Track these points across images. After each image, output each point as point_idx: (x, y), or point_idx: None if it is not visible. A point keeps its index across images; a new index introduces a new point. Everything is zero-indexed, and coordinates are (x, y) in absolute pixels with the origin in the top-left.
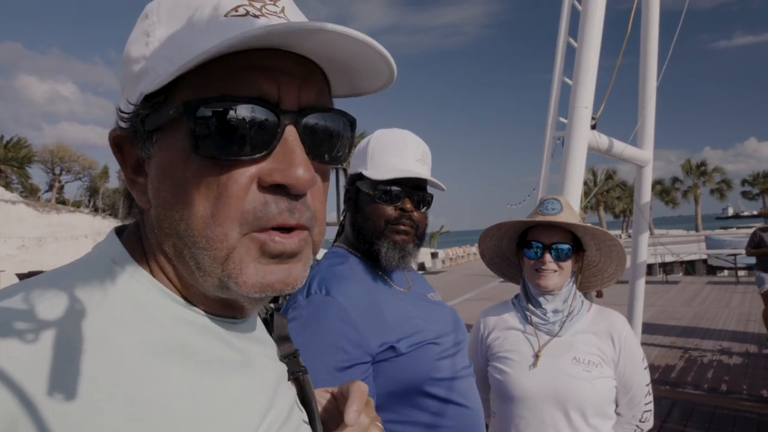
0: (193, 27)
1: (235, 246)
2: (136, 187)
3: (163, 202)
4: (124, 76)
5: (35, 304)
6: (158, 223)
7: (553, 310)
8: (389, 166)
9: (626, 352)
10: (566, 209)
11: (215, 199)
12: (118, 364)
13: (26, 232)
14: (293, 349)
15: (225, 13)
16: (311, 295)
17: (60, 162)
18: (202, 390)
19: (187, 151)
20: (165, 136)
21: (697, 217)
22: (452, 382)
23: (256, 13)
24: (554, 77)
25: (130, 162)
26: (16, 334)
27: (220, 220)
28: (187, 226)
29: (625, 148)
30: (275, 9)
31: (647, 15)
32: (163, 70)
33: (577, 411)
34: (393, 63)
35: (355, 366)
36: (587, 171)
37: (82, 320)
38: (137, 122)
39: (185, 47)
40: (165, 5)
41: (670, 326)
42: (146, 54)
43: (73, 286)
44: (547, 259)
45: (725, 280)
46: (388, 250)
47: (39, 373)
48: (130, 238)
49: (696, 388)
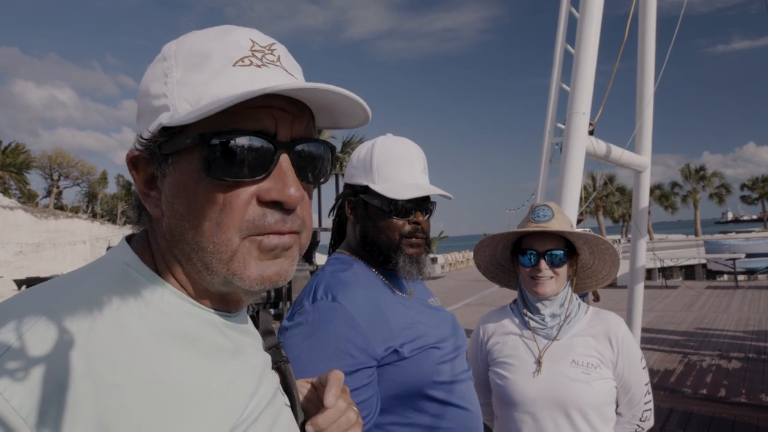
0: (207, 74)
1: (238, 248)
2: (148, 199)
3: (175, 213)
4: (142, 107)
5: (65, 297)
6: (170, 231)
7: (550, 314)
8: (399, 181)
9: (624, 352)
10: (557, 215)
11: (220, 211)
12: (134, 348)
13: (24, 238)
14: (276, 341)
15: (234, 63)
16: (317, 301)
17: (58, 168)
18: (204, 372)
19: (199, 172)
20: (180, 159)
21: (696, 222)
22: (452, 386)
23: (258, 63)
24: (552, 83)
25: (144, 177)
26: (55, 319)
27: (224, 228)
28: (197, 234)
29: (622, 154)
30: (273, 58)
31: (644, 20)
32: (182, 107)
33: (578, 413)
34: (368, 109)
35: (360, 370)
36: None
37: (104, 312)
38: (154, 147)
39: (202, 92)
40: (182, 52)
41: (670, 331)
42: (165, 92)
43: (95, 284)
44: (542, 266)
45: (724, 285)
46: (406, 264)
47: (70, 354)
48: (140, 244)
49: (695, 393)
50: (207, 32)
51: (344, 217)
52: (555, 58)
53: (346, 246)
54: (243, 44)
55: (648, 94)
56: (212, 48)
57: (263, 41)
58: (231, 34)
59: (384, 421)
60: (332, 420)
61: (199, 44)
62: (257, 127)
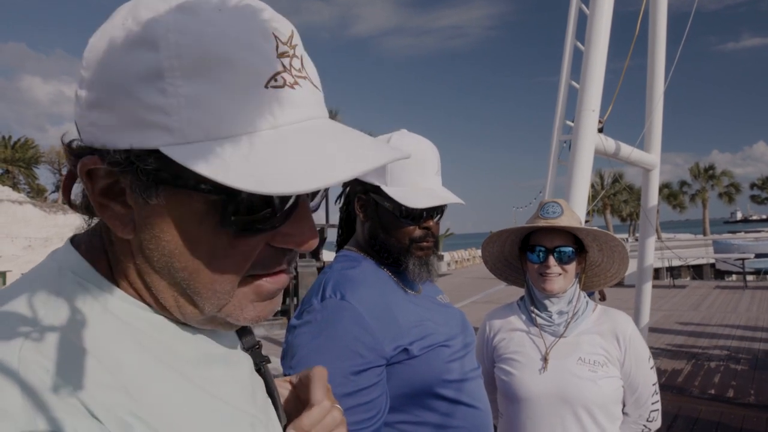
0: (231, 97)
1: (235, 293)
2: (107, 212)
3: (160, 248)
4: (110, 101)
5: (10, 320)
6: (146, 258)
7: (557, 311)
8: (413, 186)
9: (632, 351)
10: (567, 212)
11: (225, 259)
12: (114, 369)
13: (33, 233)
14: (256, 341)
15: (265, 82)
16: (326, 299)
17: (67, 163)
18: (194, 385)
19: (204, 217)
20: (178, 193)
21: (705, 221)
22: (462, 384)
23: (291, 81)
24: (561, 80)
25: (100, 185)
26: None
27: (228, 277)
28: (191, 278)
29: (632, 152)
30: (298, 64)
31: (655, 17)
32: (194, 136)
33: (584, 411)
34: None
35: (369, 369)
36: (594, 174)
37: (60, 335)
38: (133, 168)
39: (225, 120)
40: (186, 50)
41: (677, 331)
42: (166, 108)
43: (43, 302)
44: (551, 262)
45: (733, 285)
46: (416, 267)
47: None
48: (91, 250)
49: (702, 394)
50: (217, 15)
51: (353, 213)
52: (564, 55)
53: (355, 243)
54: (266, 46)
55: (658, 92)
56: (233, 54)
57: (283, 30)
58: (252, 23)
59: (393, 420)
60: (317, 420)
61: (210, 38)
62: None
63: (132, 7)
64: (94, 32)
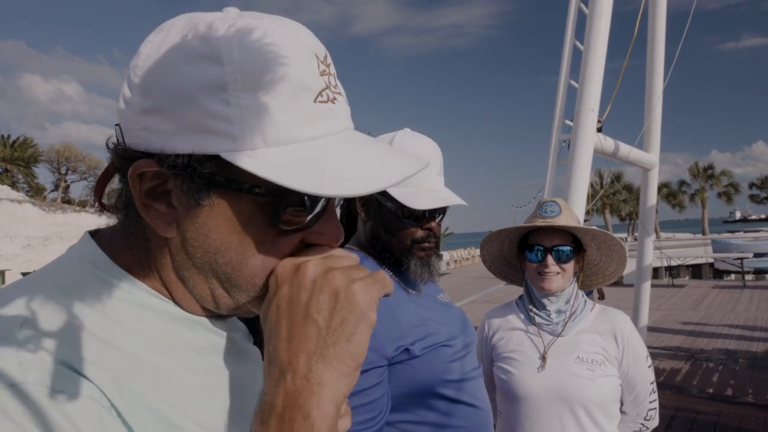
0: (287, 108)
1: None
2: (151, 212)
3: (209, 246)
4: (172, 109)
5: (33, 311)
6: (187, 255)
7: (556, 310)
8: (416, 186)
9: (630, 350)
10: (565, 211)
11: (266, 255)
12: (123, 357)
13: (32, 232)
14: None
15: (315, 98)
16: None
17: (66, 162)
18: (208, 375)
19: (254, 216)
20: (230, 196)
21: (704, 221)
22: (462, 384)
23: (332, 96)
24: (560, 80)
25: (148, 187)
26: (25, 342)
27: (266, 271)
28: (233, 272)
29: (631, 151)
30: (333, 81)
31: (654, 17)
32: (254, 144)
33: (583, 410)
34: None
35: (371, 370)
36: (593, 174)
37: (78, 320)
38: (189, 170)
39: (282, 130)
40: (249, 64)
41: (676, 330)
42: (229, 116)
43: (62, 290)
44: (549, 261)
45: (732, 284)
46: (417, 267)
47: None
48: (112, 245)
49: (701, 393)
50: (270, 30)
51: (354, 211)
52: (564, 55)
53: (356, 242)
54: (312, 66)
55: (657, 92)
56: (288, 67)
57: (321, 51)
58: (300, 43)
59: (395, 419)
60: None
61: (269, 56)
62: None
63: (190, 21)
64: (144, 42)
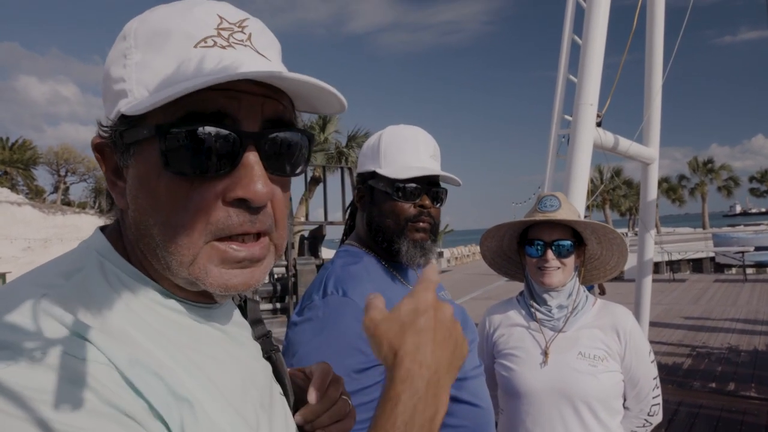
0: (166, 56)
1: (199, 253)
2: (116, 188)
3: (139, 207)
4: (104, 92)
5: (48, 290)
6: (135, 224)
7: (557, 306)
8: (404, 164)
9: (632, 345)
10: (564, 205)
11: (184, 210)
12: (122, 338)
13: (32, 234)
14: (266, 330)
15: (195, 44)
16: (327, 296)
17: (65, 163)
18: (197, 363)
19: (159, 165)
20: (141, 150)
21: (704, 215)
22: (463, 382)
23: (224, 44)
24: (559, 74)
25: (111, 166)
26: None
27: (188, 230)
28: (159, 232)
29: (630, 146)
30: (242, 36)
31: (652, 11)
32: (139, 93)
33: (585, 406)
34: (342, 99)
35: (373, 367)
36: (593, 169)
37: (80, 305)
38: (116, 135)
39: (160, 77)
40: (142, 30)
41: (677, 324)
42: (124, 76)
43: (66, 276)
44: (549, 256)
45: (733, 278)
46: (409, 249)
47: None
48: (112, 234)
49: (703, 387)
50: (172, 7)
51: (355, 207)
52: (562, 49)
53: (356, 237)
54: (208, 21)
55: (656, 86)
56: (174, 26)
57: (233, 17)
58: (195, 9)
59: None
60: (322, 411)
61: (160, 21)
62: (215, 110)
63: None
64: None
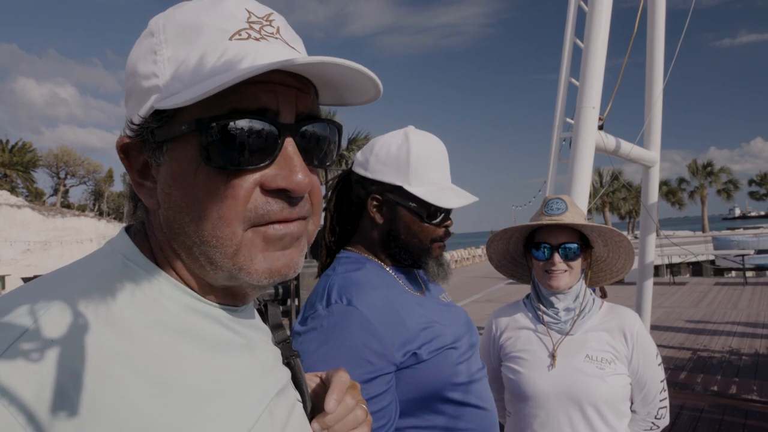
0: (201, 50)
1: (242, 241)
2: (143, 189)
3: (173, 205)
4: (130, 88)
5: (64, 293)
6: (168, 223)
7: (564, 308)
8: (436, 185)
9: (639, 348)
10: (571, 208)
11: (222, 202)
12: (138, 345)
13: (31, 236)
14: (287, 335)
15: (230, 36)
16: (332, 305)
17: (65, 166)
18: (213, 368)
19: (197, 161)
20: (176, 146)
21: (703, 218)
22: (469, 386)
23: (257, 36)
24: (561, 78)
25: (137, 166)
26: (55, 316)
27: (227, 221)
28: (197, 227)
29: (632, 149)
30: (272, 30)
31: (653, 15)
32: (175, 88)
33: (592, 409)
34: (380, 84)
35: (379, 377)
36: (593, 172)
37: (104, 309)
38: (146, 133)
39: (197, 70)
40: (171, 25)
41: (678, 328)
42: (156, 72)
43: (93, 278)
44: (556, 259)
45: (733, 281)
46: (434, 267)
47: (74, 350)
48: (138, 235)
49: (705, 390)
50: (198, 2)
51: (355, 212)
52: (564, 53)
53: (362, 244)
54: (238, 15)
55: (657, 89)
56: (205, 20)
57: (260, 11)
58: (224, 4)
59: (402, 425)
60: (339, 417)
61: (189, 17)
62: (258, 107)
63: None
64: None
